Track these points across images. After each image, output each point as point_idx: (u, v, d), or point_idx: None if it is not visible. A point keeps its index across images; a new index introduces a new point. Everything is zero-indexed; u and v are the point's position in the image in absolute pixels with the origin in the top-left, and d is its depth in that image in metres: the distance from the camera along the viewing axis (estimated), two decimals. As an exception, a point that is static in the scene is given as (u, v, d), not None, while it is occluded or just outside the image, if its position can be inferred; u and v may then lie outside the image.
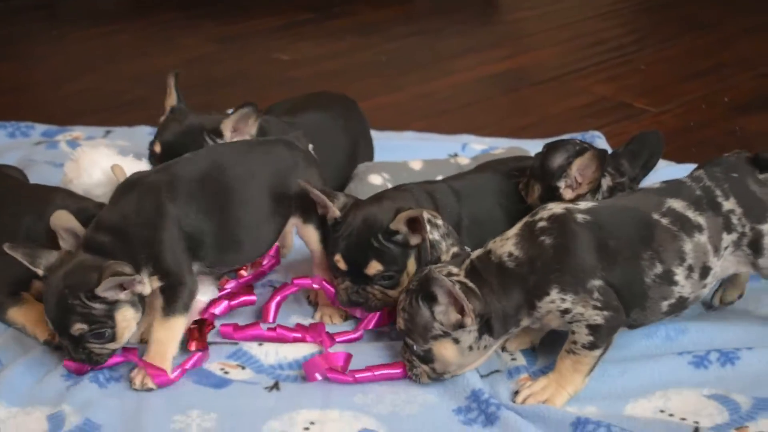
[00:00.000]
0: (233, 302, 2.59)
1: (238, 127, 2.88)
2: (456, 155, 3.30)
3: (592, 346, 2.21)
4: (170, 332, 2.36)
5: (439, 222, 2.34)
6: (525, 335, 2.42)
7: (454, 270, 2.24)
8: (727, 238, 2.28)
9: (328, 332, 2.49)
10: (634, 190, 2.52)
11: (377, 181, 3.04)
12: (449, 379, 2.31)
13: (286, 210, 2.54)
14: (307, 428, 2.21)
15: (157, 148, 2.91)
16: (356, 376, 2.32)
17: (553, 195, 2.54)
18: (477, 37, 4.69)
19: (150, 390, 2.30)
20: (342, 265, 2.50)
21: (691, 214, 2.27)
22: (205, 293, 2.60)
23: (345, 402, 2.28)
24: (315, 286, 2.58)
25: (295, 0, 5.08)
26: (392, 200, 2.54)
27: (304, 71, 4.20)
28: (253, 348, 2.46)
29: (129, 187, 2.43)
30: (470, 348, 2.23)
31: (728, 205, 2.28)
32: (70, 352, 2.31)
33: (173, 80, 2.98)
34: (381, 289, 2.49)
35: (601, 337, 2.20)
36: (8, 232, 2.55)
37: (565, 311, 2.20)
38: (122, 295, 2.27)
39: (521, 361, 2.39)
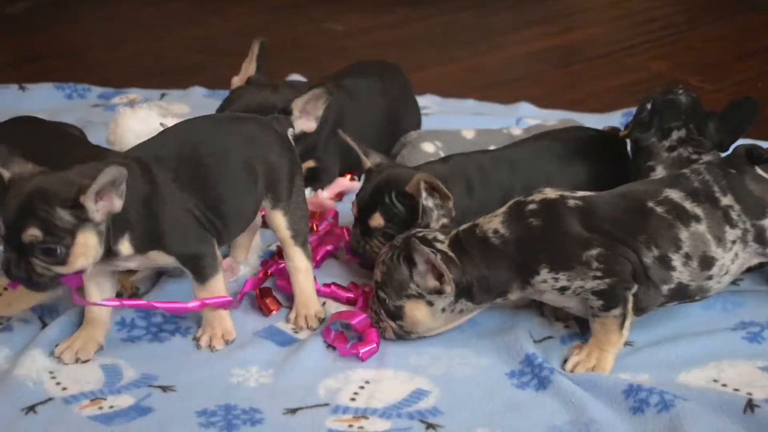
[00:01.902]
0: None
1: (306, 108, 2.86)
2: (509, 128, 3.31)
3: (606, 308, 2.23)
4: (211, 293, 2.33)
5: (437, 194, 2.41)
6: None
7: (440, 237, 2.28)
8: (732, 233, 2.28)
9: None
10: (640, 181, 2.51)
11: (430, 149, 3.06)
12: (503, 344, 2.33)
13: (259, 189, 2.40)
14: (362, 387, 2.23)
15: None
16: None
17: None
18: (528, 13, 4.68)
19: (215, 350, 2.33)
20: (354, 209, 2.62)
21: (688, 204, 2.28)
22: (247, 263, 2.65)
23: (400, 362, 2.30)
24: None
25: (348, -29, 5.09)
26: (426, 170, 2.57)
27: (356, 41, 4.21)
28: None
29: (116, 156, 2.33)
30: (443, 310, 2.27)
31: (726, 200, 2.29)
32: (10, 265, 2.11)
33: (257, 48, 2.96)
34: (379, 243, 2.54)
35: (611, 299, 2.22)
36: None
37: (563, 288, 2.22)
38: (98, 214, 2.10)
39: (575, 328, 2.40)
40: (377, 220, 2.56)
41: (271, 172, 2.40)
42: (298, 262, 2.47)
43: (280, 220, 2.44)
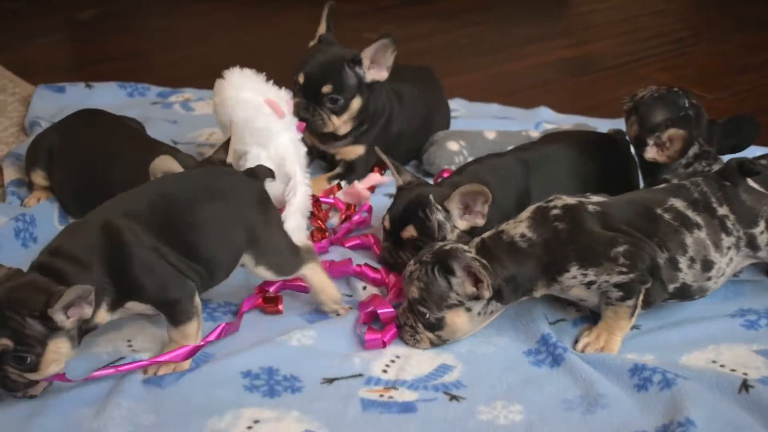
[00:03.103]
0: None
1: (375, 59, 2.85)
2: (527, 130, 3.31)
3: (623, 299, 2.23)
4: (184, 336, 2.19)
5: (440, 207, 2.42)
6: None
7: (465, 247, 2.25)
8: (727, 240, 2.28)
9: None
10: (644, 189, 2.50)
11: (454, 147, 3.07)
12: (521, 325, 2.34)
13: (237, 240, 2.24)
14: (393, 360, 2.25)
15: (301, 79, 2.89)
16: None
17: (641, 143, 2.54)
18: (547, 26, 4.68)
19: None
20: (387, 224, 2.56)
21: (690, 213, 2.28)
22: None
23: (429, 341, 2.32)
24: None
25: (381, -14, 5.10)
26: (448, 186, 2.53)
27: (390, 50, 4.22)
28: (355, 292, 2.52)
29: (81, 225, 2.15)
30: (479, 314, 2.25)
31: (722, 210, 2.29)
32: None
33: (326, 10, 2.97)
34: (408, 255, 2.48)
35: (629, 290, 2.22)
36: (125, 180, 2.59)
37: (590, 283, 2.22)
38: (69, 322, 1.98)
39: (585, 312, 2.41)
40: (410, 232, 2.51)
41: (249, 227, 2.24)
42: (304, 272, 2.35)
43: (266, 273, 2.31)
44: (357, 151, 3.01)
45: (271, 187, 2.43)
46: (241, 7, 4.91)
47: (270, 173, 2.35)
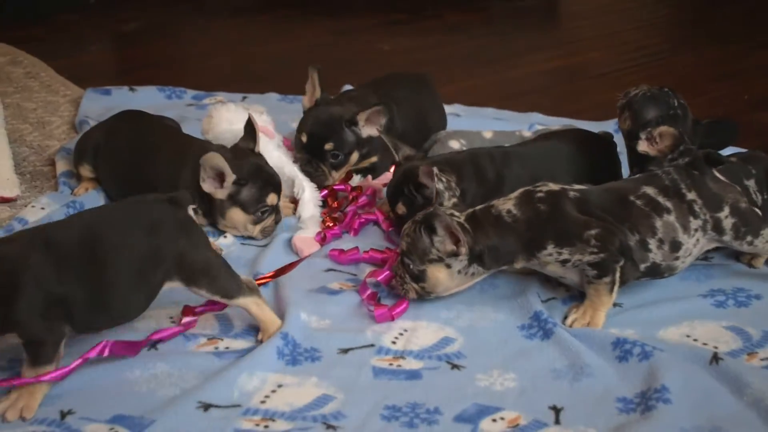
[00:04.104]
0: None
1: (370, 119, 2.85)
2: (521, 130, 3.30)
3: (599, 276, 2.23)
4: (36, 375, 1.96)
5: (444, 178, 2.40)
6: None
7: (456, 213, 2.28)
8: (695, 222, 2.27)
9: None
10: (623, 179, 2.48)
11: (455, 145, 3.03)
12: (516, 303, 2.34)
13: (161, 275, 2.06)
14: (401, 333, 2.25)
15: (304, 138, 2.87)
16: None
17: (634, 136, 2.50)
18: (540, 40, 4.66)
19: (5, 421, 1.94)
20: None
21: (660, 199, 2.27)
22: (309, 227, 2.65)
23: (432, 316, 2.32)
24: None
25: (393, 3, 5.07)
26: (432, 162, 2.54)
27: (400, 59, 4.21)
28: (362, 272, 2.51)
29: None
30: (458, 272, 2.26)
31: (690, 196, 2.28)
32: None
33: (316, 75, 2.90)
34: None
35: (603, 269, 2.22)
36: (163, 171, 2.65)
37: (565, 261, 2.23)
38: None
39: (573, 292, 2.40)
40: (401, 209, 2.56)
41: (174, 254, 2.06)
42: (244, 304, 2.18)
43: (204, 293, 2.13)
44: (371, 161, 3.01)
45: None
46: (268, 21, 4.91)
47: (192, 201, 2.16)
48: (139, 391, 2.02)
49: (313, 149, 2.86)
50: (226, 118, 2.87)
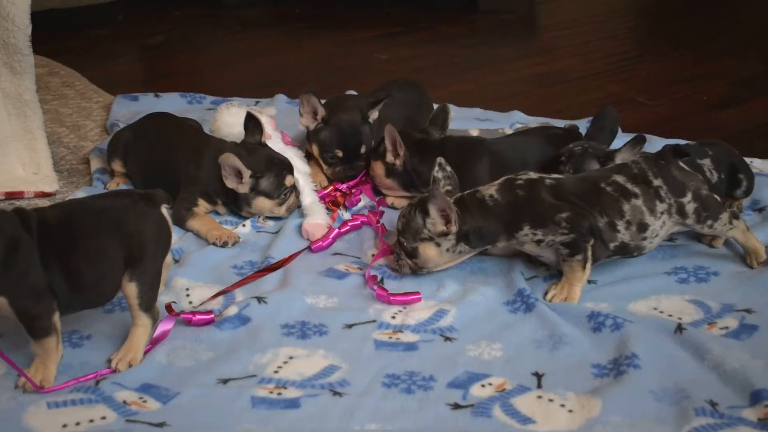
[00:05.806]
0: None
1: (371, 113, 2.85)
2: (504, 128, 3.30)
3: (572, 255, 2.23)
4: (43, 350, 1.94)
5: (447, 168, 2.39)
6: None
7: (447, 197, 2.26)
8: (661, 206, 2.26)
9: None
10: (596, 169, 2.45)
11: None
12: (502, 281, 2.33)
13: (124, 264, 1.99)
14: (400, 310, 2.25)
15: (340, 153, 2.80)
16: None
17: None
18: (522, 49, 4.65)
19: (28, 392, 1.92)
20: None
21: (629, 185, 2.27)
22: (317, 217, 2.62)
23: (429, 294, 2.32)
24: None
25: (391, 17, 5.06)
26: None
27: (397, 67, 4.18)
28: (365, 255, 2.51)
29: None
30: (447, 250, 2.27)
31: (657, 182, 2.27)
32: None
33: (315, 98, 2.77)
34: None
35: (575, 248, 2.22)
36: (185, 165, 2.65)
37: (539, 241, 2.23)
38: None
39: (553, 270, 2.40)
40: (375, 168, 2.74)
41: (136, 248, 1.98)
42: (140, 321, 2.04)
43: (132, 291, 2.00)
44: None
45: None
46: (279, 33, 4.89)
47: (166, 200, 2.11)
48: (160, 362, 2.02)
49: (350, 158, 2.83)
50: (226, 122, 2.83)
